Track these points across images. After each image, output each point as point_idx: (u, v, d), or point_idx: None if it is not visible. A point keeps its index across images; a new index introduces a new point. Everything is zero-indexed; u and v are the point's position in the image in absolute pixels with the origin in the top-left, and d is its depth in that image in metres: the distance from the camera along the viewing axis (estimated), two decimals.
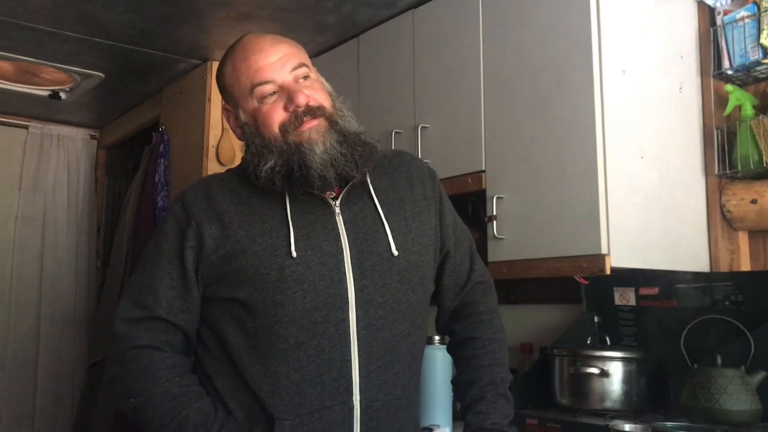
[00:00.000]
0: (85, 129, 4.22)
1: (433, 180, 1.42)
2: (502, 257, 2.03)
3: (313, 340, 1.21)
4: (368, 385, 1.23)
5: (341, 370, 1.21)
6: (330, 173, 1.24)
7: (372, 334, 1.24)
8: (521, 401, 2.03)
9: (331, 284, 1.22)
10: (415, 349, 1.33)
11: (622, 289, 2.17)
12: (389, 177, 1.37)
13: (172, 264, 1.27)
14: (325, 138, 1.25)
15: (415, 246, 1.31)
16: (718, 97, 2.07)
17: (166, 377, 1.23)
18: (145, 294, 1.27)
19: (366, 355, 1.23)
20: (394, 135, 2.40)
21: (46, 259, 3.98)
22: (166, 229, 1.30)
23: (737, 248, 2.06)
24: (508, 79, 2.07)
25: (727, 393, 1.69)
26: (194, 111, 3.16)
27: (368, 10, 2.54)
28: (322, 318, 1.21)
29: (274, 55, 1.29)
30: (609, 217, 1.79)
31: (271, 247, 1.23)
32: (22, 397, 3.84)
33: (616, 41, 1.89)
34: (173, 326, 1.27)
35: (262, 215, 1.26)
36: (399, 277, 1.28)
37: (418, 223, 1.33)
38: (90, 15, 2.61)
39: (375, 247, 1.27)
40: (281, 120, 1.27)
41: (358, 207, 1.30)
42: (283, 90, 1.28)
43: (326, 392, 1.21)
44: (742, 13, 1.98)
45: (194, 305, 1.28)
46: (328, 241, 1.25)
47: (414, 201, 1.36)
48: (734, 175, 2.03)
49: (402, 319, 1.28)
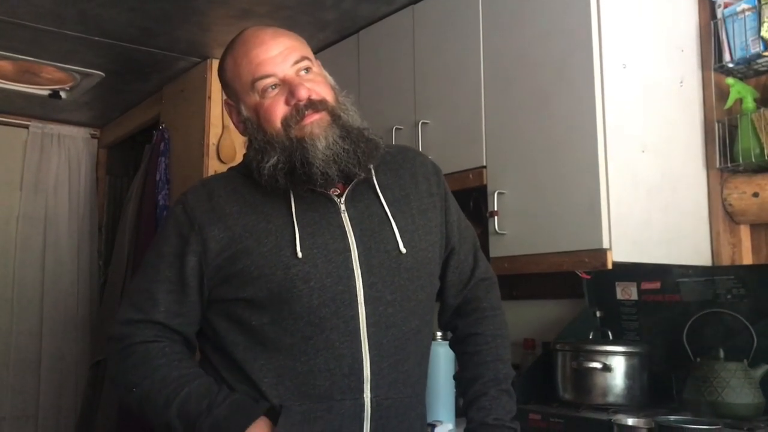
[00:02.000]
0: (85, 128, 4.23)
1: (438, 176, 1.41)
2: (504, 253, 2.03)
3: (322, 335, 1.20)
4: (379, 383, 1.22)
5: (352, 367, 1.21)
6: (333, 170, 1.22)
7: (382, 332, 1.23)
8: (524, 396, 2.03)
9: (339, 281, 1.22)
10: (423, 347, 1.33)
11: (624, 283, 2.16)
12: (394, 173, 1.36)
13: (172, 268, 1.26)
14: (327, 133, 1.24)
15: (423, 243, 1.30)
16: (719, 90, 2.06)
17: (164, 363, 1.22)
18: (144, 298, 1.26)
19: (377, 353, 1.22)
20: (395, 131, 2.40)
21: (47, 258, 3.99)
22: (167, 232, 1.29)
23: (739, 242, 2.06)
24: (508, 73, 2.07)
25: (730, 387, 1.69)
26: (195, 109, 3.16)
27: (368, 6, 2.54)
28: (331, 314, 1.21)
29: (275, 49, 1.27)
30: (610, 211, 1.79)
31: (276, 248, 1.22)
32: (25, 396, 3.85)
33: (617, 35, 1.88)
34: (170, 330, 1.26)
35: (266, 215, 1.25)
36: (408, 275, 1.27)
37: (424, 220, 1.33)
38: (90, 14, 2.61)
39: (383, 245, 1.26)
40: (283, 114, 1.25)
41: (363, 204, 1.29)
42: (285, 84, 1.26)
43: (336, 386, 1.20)
44: (743, 5, 1.98)
45: (192, 310, 1.27)
46: (334, 239, 1.24)
47: (419, 198, 1.35)
48: (736, 169, 2.02)
49: (412, 317, 1.27)
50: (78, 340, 4.01)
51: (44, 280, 3.96)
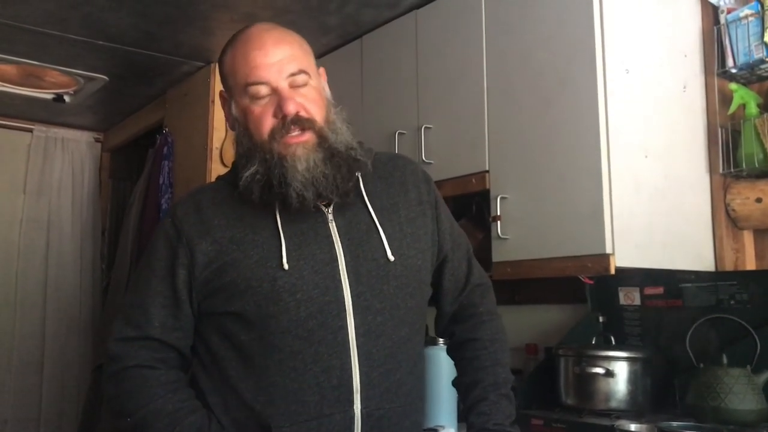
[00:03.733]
0: (89, 132, 4.24)
1: (429, 184, 1.40)
2: (507, 257, 2.03)
3: (310, 348, 1.20)
4: (370, 393, 1.22)
5: (341, 378, 1.20)
6: (309, 193, 1.21)
7: (372, 341, 1.22)
8: (526, 402, 2.03)
9: (326, 292, 1.21)
10: (415, 354, 1.32)
11: (627, 288, 2.16)
12: (384, 182, 1.35)
13: (164, 282, 1.26)
14: (310, 156, 1.23)
15: (411, 251, 1.30)
16: (722, 95, 2.06)
17: (159, 394, 1.22)
18: (138, 314, 1.26)
19: (367, 363, 1.22)
20: (398, 136, 2.40)
21: (50, 262, 3.99)
22: (156, 246, 1.29)
23: (742, 247, 2.05)
24: (511, 78, 2.07)
25: (733, 392, 1.68)
26: (198, 113, 3.17)
27: (371, 10, 2.54)
28: (318, 326, 1.20)
29: (274, 56, 1.26)
30: (613, 216, 1.79)
31: (262, 260, 1.21)
32: (27, 399, 3.85)
33: (620, 40, 1.88)
34: (166, 345, 1.26)
35: (253, 227, 1.25)
36: (396, 283, 1.27)
37: (412, 228, 1.32)
38: (94, 18, 2.62)
39: (370, 253, 1.26)
40: (270, 126, 1.24)
41: (351, 213, 1.28)
42: (276, 94, 1.25)
43: (326, 400, 1.19)
44: (746, 11, 1.98)
45: (187, 323, 1.27)
46: (321, 249, 1.23)
47: (408, 206, 1.34)
48: (739, 174, 2.02)
49: (402, 325, 1.27)
50: (80, 344, 4.01)
51: (47, 283, 3.96)
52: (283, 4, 2.50)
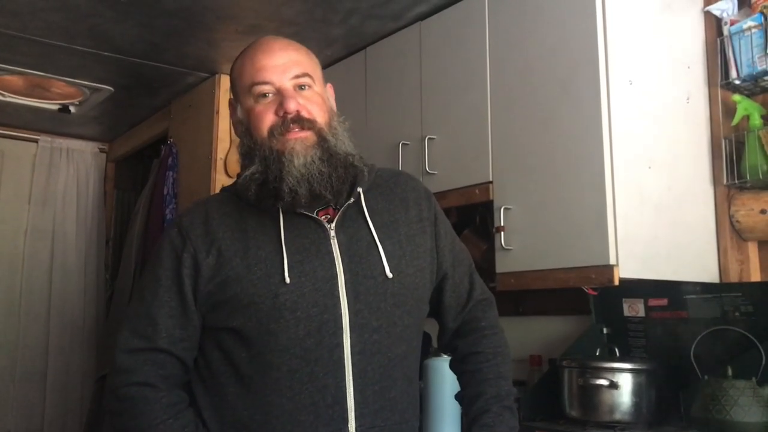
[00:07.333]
0: (94, 142, 4.26)
1: (429, 201, 1.40)
2: (510, 268, 2.03)
3: (307, 368, 1.19)
4: (364, 412, 1.21)
5: (336, 397, 1.19)
6: (303, 189, 1.21)
7: (366, 359, 1.22)
8: (530, 413, 2.02)
9: (325, 310, 1.21)
10: (410, 372, 1.31)
11: (631, 300, 2.15)
12: (385, 198, 1.35)
13: (170, 292, 1.25)
14: (308, 152, 1.23)
15: (410, 268, 1.29)
16: (726, 107, 2.06)
17: (160, 419, 1.20)
18: (145, 324, 1.25)
19: (361, 381, 1.21)
20: (402, 146, 2.41)
21: (55, 271, 4.00)
22: (162, 255, 1.28)
23: (747, 258, 2.05)
24: (514, 89, 2.08)
25: (739, 405, 1.68)
26: (202, 124, 3.18)
27: (375, 22, 2.55)
28: (315, 344, 1.20)
29: (280, 59, 1.28)
30: (617, 227, 1.79)
31: (265, 275, 1.21)
32: (30, 409, 3.84)
33: (623, 52, 1.89)
34: (172, 357, 1.25)
35: (257, 241, 1.24)
36: (394, 300, 1.26)
37: (412, 246, 1.32)
38: (100, 29, 2.63)
39: (369, 270, 1.25)
40: (271, 123, 1.26)
41: (353, 229, 1.28)
42: (279, 94, 1.27)
43: (320, 419, 1.19)
44: (749, 23, 1.98)
45: (194, 333, 1.26)
46: (322, 266, 1.23)
47: (408, 223, 1.34)
48: (743, 185, 2.02)
49: (399, 343, 1.27)
50: (84, 354, 4.01)
51: (51, 293, 3.97)
52: (288, 15, 2.51)
